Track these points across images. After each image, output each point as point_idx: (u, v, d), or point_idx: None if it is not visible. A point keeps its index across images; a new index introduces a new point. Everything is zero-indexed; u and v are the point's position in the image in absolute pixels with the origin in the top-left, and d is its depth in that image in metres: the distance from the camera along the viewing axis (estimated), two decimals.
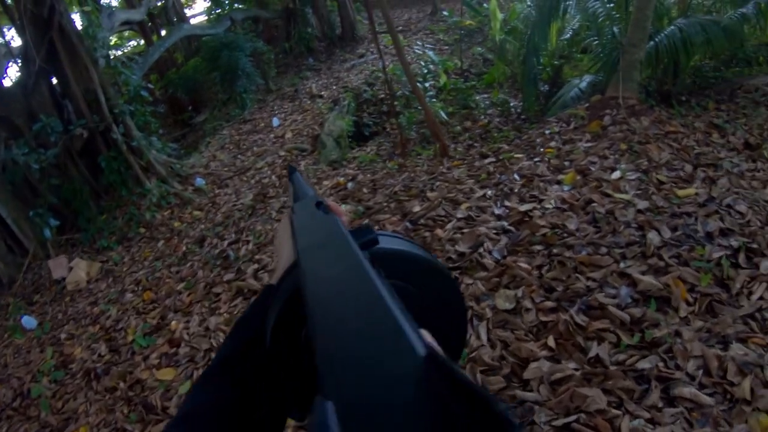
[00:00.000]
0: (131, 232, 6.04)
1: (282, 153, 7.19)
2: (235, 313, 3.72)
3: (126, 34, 15.04)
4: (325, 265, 0.42)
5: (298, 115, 8.74)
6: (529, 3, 6.61)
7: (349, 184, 5.31)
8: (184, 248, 5.25)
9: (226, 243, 4.92)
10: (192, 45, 12.71)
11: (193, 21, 15.46)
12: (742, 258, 2.59)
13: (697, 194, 3.23)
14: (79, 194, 6.35)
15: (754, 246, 2.64)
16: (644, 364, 2.09)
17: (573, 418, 1.92)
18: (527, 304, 2.67)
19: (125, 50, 15.57)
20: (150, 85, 7.71)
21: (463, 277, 3.03)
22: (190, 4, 16.99)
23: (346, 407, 0.25)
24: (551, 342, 2.38)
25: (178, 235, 5.66)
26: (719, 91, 5.01)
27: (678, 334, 2.21)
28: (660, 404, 1.91)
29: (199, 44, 11.27)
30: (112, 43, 10.97)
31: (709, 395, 1.92)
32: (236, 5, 12.78)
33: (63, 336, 4.41)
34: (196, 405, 0.54)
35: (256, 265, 4.21)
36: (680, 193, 3.27)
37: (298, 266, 0.46)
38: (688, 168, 3.57)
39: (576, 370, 2.18)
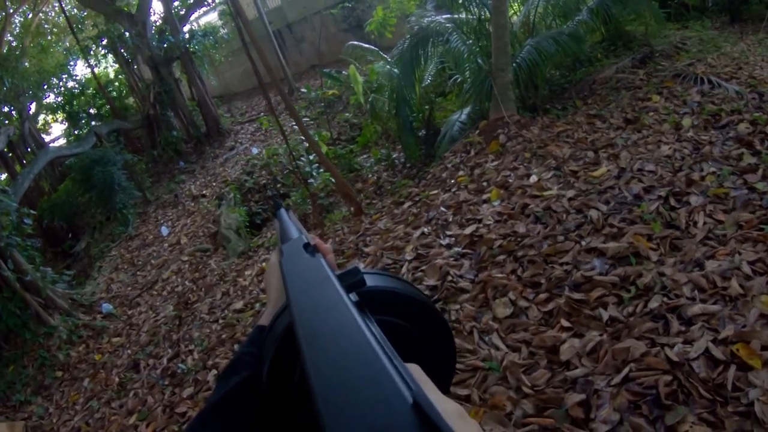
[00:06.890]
0: (47, 378, 5.71)
1: (185, 258, 7.25)
2: None
3: None
4: (314, 311, 0.47)
5: (186, 218, 8.96)
6: (388, 59, 7.48)
7: None
8: (117, 379, 5.07)
9: (165, 360, 4.88)
10: (56, 171, 12.59)
11: (52, 146, 15.17)
12: (673, 201, 3.29)
13: (609, 171, 3.98)
14: None
15: (677, 190, 3.38)
16: (653, 304, 2.56)
17: (626, 370, 2.28)
18: (523, 303, 3.06)
19: None
20: (32, 211, 7.46)
21: (448, 305, 3.34)
22: (46, 129, 17.27)
23: None
24: (565, 323, 2.76)
25: (104, 368, 5.45)
26: (578, 90, 6.16)
27: (661, 274, 2.75)
28: (683, 328, 2.37)
29: (64, 169, 11.20)
30: None
31: (714, 304, 2.44)
32: (93, 122, 12.89)
33: None
34: None
35: (214, 371, 4.22)
36: (596, 174, 4.01)
37: (289, 310, 0.52)
38: (591, 154, 4.36)
39: (600, 335, 2.57)
